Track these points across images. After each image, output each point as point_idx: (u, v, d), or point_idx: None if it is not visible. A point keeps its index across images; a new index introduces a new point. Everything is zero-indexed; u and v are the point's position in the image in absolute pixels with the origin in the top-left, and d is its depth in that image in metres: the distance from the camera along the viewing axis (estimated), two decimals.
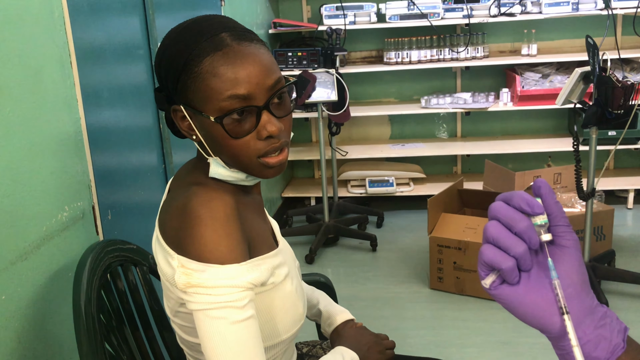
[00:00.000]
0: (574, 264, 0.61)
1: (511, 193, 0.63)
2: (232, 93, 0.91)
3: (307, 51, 3.58)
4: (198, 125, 0.96)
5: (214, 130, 0.93)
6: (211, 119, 0.92)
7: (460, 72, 4.16)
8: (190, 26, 0.96)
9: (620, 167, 4.19)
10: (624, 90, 2.34)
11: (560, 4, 3.62)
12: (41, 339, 1.36)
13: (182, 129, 0.98)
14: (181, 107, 0.95)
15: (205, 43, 0.92)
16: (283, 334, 1.04)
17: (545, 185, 0.62)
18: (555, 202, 0.62)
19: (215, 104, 0.91)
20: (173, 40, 0.96)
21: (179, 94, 0.95)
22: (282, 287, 1.04)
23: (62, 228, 1.46)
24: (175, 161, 2.17)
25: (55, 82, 1.46)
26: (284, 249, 1.12)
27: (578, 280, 0.61)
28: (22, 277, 1.30)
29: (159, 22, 2.09)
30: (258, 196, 1.12)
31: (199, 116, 0.94)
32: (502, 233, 0.61)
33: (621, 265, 3.03)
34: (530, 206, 0.61)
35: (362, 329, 1.25)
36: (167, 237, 0.97)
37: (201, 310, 0.89)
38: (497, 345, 2.47)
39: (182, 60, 0.92)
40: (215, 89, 0.91)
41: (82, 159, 1.57)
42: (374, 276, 3.17)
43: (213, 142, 0.96)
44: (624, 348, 0.61)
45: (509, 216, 0.61)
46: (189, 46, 0.92)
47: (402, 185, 4.05)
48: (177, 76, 0.94)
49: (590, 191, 2.59)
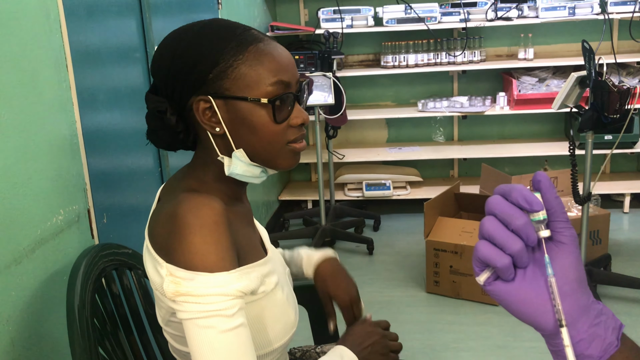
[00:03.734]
0: (571, 261, 0.60)
1: (510, 187, 0.61)
2: (278, 79, 0.95)
3: (304, 54, 3.58)
4: (227, 117, 0.96)
5: (254, 116, 0.95)
6: (263, 101, 0.94)
7: (457, 76, 4.17)
8: (213, 24, 0.97)
9: (616, 171, 4.20)
10: (619, 94, 2.35)
11: (556, 9, 3.63)
12: (35, 343, 1.35)
13: (203, 122, 0.97)
14: (209, 97, 0.95)
15: (243, 35, 0.96)
16: (275, 343, 1.03)
17: (545, 179, 0.61)
18: (555, 197, 0.61)
19: (262, 88, 0.95)
20: (197, 35, 0.96)
21: (207, 85, 0.95)
22: (272, 296, 1.03)
23: (57, 231, 1.46)
24: (171, 164, 2.16)
25: (51, 84, 1.46)
26: (273, 257, 1.12)
27: (574, 278, 0.60)
28: (16, 281, 1.30)
29: (156, 25, 2.09)
30: (247, 205, 1.12)
31: (235, 104, 0.95)
32: (498, 230, 0.59)
33: (617, 270, 3.03)
34: (528, 202, 0.59)
35: (370, 325, 1.18)
36: (156, 244, 0.96)
37: (190, 320, 0.88)
38: (493, 349, 2.47)
39: (219, 50, 0.94)
40: (262, 74, 0.95)
41: (78, 162, 1.57)
42: (370, 280, 3.16)
43: (247, 130, 0.96)
44: (618, 346, 0.60)
45: (505, 212, 0.59)
46: (225, 38, 0.95)
47: (398, 188, 4.05)
48: (210, 67, 0.94)
49: (586, 195, 2.59)
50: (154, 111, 0.99)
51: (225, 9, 2.99)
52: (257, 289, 0.98)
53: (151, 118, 1.01)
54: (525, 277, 0.61)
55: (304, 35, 4.10)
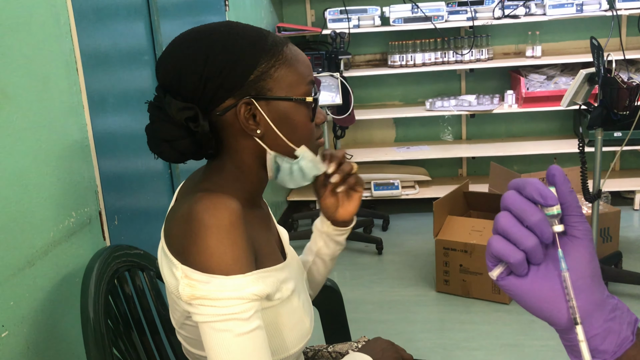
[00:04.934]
0: (584, 256, 0.60)
1: (524, 181, 0.60)
2: (311, 78, 1.00)
3: (311, 55, 3.59)
4: (270, 117, 0.95)
5: (297, 115, 0.97)
6: (308, 99, 0.98)
7: (465, 74, 4.16)
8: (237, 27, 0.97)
9: (626, 168, 4.17)
10: (629, 91, 2.34)
11: (564, 6, 3.62)
12: (50, 345, 1.37)
13: (244, 126, 0.94)
14: (252, 99, 0.94)
15: (273, 38, 0.98)
16: (291, 349, 1.03)
17: (559, 173, 0.60)
18: (569, 191, 0.60)
19: (302, 87, 0.98)
20: (230, 36, 0.94)
21: (247, 87, 0.93)
22: (288, 303, 1.02)
23: (69, 234, 1.47)
24: (181, 166, 2.17)
25: (62, 88, 1.47)
26: (292, 262, 1.10)
27: (588, 273, 0.60)
28: (30, 283, 1.31)
29: (164, 28, 2.10)
30: (265, 209, 1.11)
31: (277, 105, 0.95)
32: (513, 225, 0.59)
33: (628, 267, 3.01)
34: (543, 197, 0.58)
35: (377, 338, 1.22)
36: (171, 246, 0.95)
37: (206, 323, 0.87)
38: (504, 348, 2.47)
39: (259, 51, 0.94)
40: (301, 73, 0.98)
41: (89, 164, 1.58)
42: (379, 279, 3.16)
43: (288, 130, 0.97)
44: (633, 341, 0.60)
45: (521, 208, 0.59)
46: (260, 39, 0.95)
47: (407, 188, 4.05)
48: (251, 68, 0.93)
49: (596, 193, 2.58)
50: (180, 119, 0.93)
51: (232, 11, 3.00)
52: (273, 294, 0.97)
53: (166, 128, 0.95)
54: (538, 271, 0.61)
55: (311, 36, 4.10)
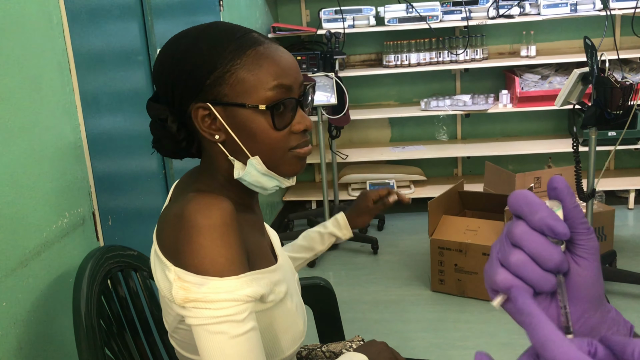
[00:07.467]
0: (587, 279, 0.55)
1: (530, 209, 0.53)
2: (279, 82, 0.92)
3: (306, 55, 3.59)
4: (228, 123, 0.93)
5: (254, 122, 0.92)
6: (261, 107, 0.91)
7: (460, 74, 4.17)
8: (211, 28, 0.95)
9: (620, 167, 4.19)
10: (622, 90, 2.35)
11: (558, 5, 3.63)
12: (42, 346, 1.36)
13: (202, 130, 0.94)
14: (208, 104, 0.92)
15: (242, 39, 0.92)
16: (286, 351, 1.03)
17: (562, 185, 0.54)
18: (574, 205, 0.55)
19: (261, 93, 0.91)
20: (195, 40, 0.93)
21: (205, 91, 0.92)
22: (282, 306, 1.01)
23: (62, 234, 1.46)
24: (175, 167, 2.17)
25: (55, 89, 1.47)
26: (284, 264, 1.10)
27: (588, 298, 0.56)
28: (22, 284, 1.31)
29: (158, 28, 2.10)
30: (258, 213, 1.11)
31: (234, 110, 0.92)
32: (531, 271, 0.53)
33: (622, 266, 3.02)
34: (555, 233, 0.53)
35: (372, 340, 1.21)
36: (164, 247, 0.94)
37: (200, 325, 0.86)
38: (499, 347, 2.47)
39: (217, 55, 0.91)
40: (261, 79, 0.91)
41: (82, 165, 1.57)
42: (375, 279, 3.17)
43: (246, 138, 0.93)
44: None
45: (538, 252, 0.53)
46: (222, 42, 0.92)
47: (402, 187, 4.05)
48: (207, 72, 0.91)
49: (590, 192, 2.59)
50: (155, 119, 0.97)
51: (227, 11, 3.00)
52: (266, 295, 0.96)
53: (154, 126, 0.99)
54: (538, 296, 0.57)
55: (306, 36, 4.10)
